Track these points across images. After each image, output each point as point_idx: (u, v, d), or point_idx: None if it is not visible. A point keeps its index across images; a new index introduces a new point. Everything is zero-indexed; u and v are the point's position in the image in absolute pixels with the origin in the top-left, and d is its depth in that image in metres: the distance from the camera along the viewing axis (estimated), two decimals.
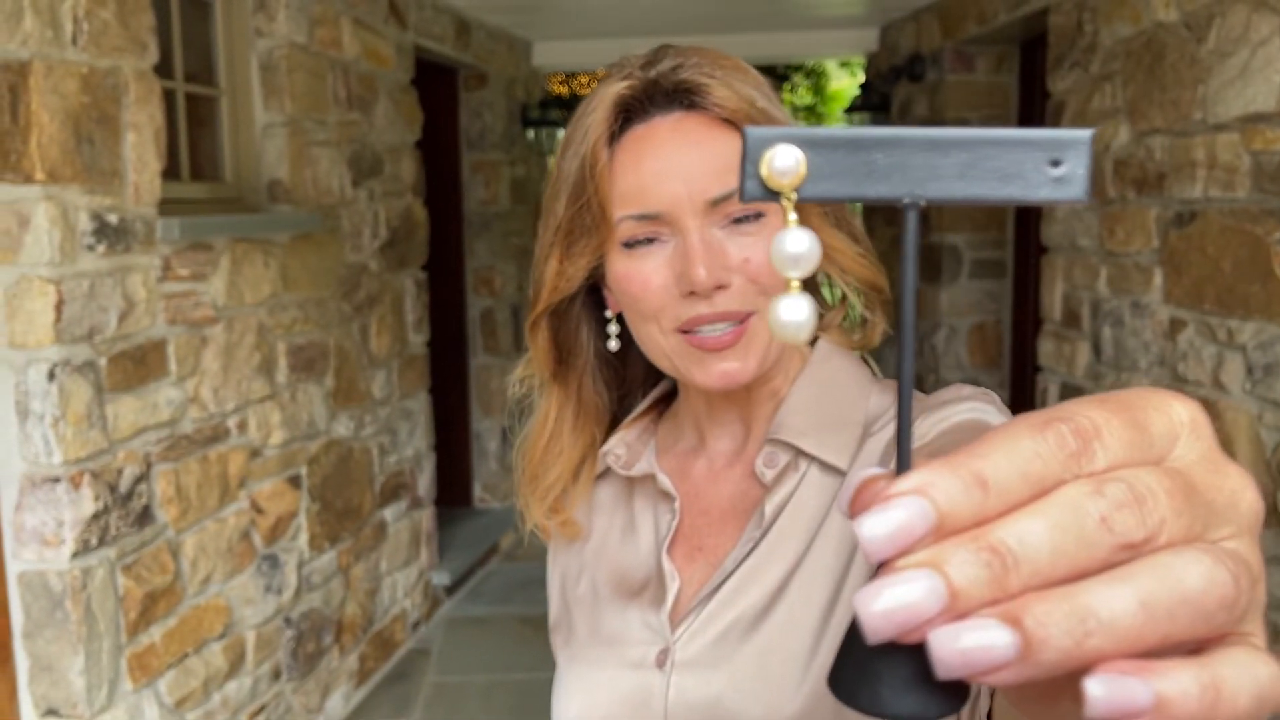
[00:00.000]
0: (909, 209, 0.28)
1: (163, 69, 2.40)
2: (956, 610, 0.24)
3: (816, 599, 0.72)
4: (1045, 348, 3.35)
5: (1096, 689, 0.24)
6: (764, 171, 0.27)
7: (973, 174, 0.27)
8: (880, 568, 0.26)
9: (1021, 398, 4.25)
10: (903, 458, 0.28)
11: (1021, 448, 0.26)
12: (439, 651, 3.77)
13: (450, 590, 4.21)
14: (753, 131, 0.28)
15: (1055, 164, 0.27)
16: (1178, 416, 0.28)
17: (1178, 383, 2.57)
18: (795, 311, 0.29)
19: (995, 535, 0.25)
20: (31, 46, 1.94)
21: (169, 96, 2.48)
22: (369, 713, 3.33)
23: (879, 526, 0.25)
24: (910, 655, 0.26)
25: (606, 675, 0.79)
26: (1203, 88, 2.46)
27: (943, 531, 0.25)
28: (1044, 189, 0.27)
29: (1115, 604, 0.24)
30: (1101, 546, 0.25)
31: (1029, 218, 4.13)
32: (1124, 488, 0.25)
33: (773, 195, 0.28)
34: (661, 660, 0.76)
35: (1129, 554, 0.25)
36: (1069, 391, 3.19)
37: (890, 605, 0.25)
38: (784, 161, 0.27)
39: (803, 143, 0.27)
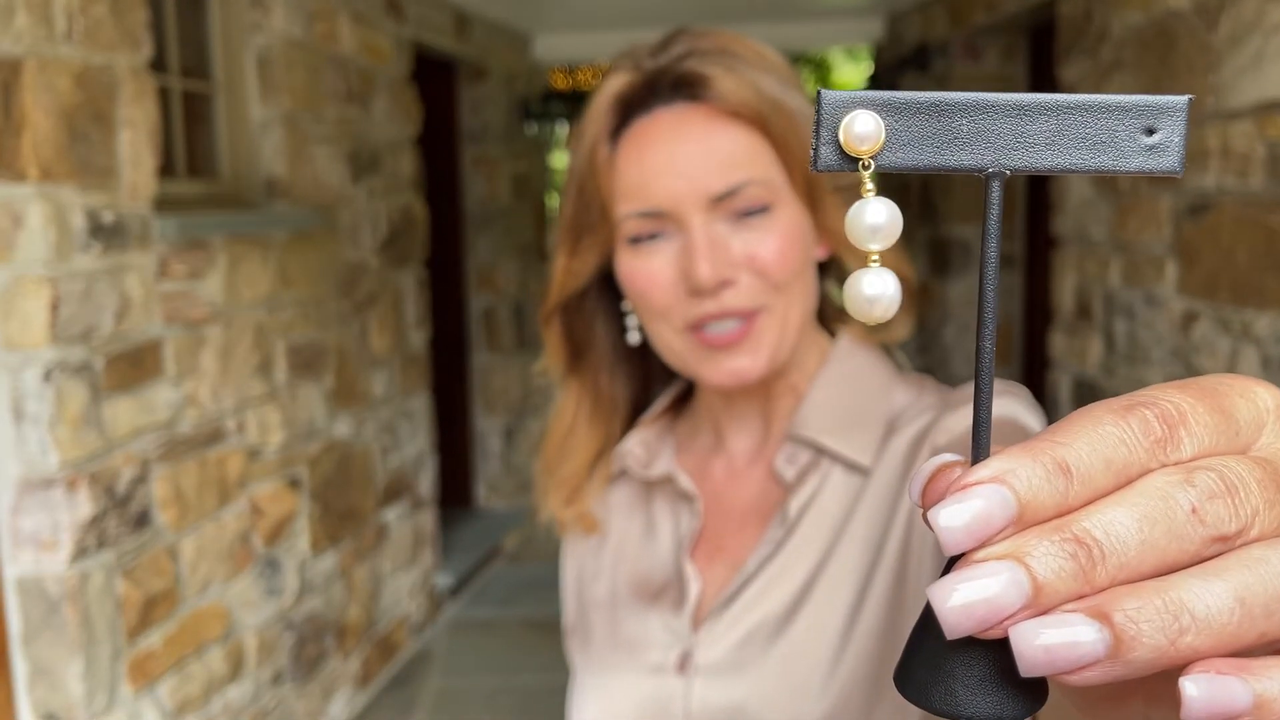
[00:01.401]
0: (992, 179, 0.26)
1: (157, 65, 2.37)
2: (1040, 605, 0.23)
3: (841, 603, 0.71)
4: (1057, 342, 3.31)
5: (1193, 689, 0.23)
6: (841, 137, 0.26)
7: (1061, 142, 0.26)
8: (955, 560, 0.25)
9: (1033, 393, 4.21)
10: (979, 444, 0.26)
11: (1105, 433, 0.24)
12: (442, 655, 3.74)
13: (453, 592, 4.18)
14: (829, 95, 0.26)
15: (1150, 132, 0.26)
16: (1263, 403, 0.26)
17: (1192, 376, 2.53)
18: (880, 286, 0.27)
19: (1080, 525, 0.24)
20: (24, 43, 1.91)
21: (164, 93, 2.45)
22: (371, 717, 3.30)
23: (956, 517, 0.24)
24: (987, 652, 0.25)
25: (625, 680, 0.78)
26: (1215, 76, 2.42)
27: (1024, 521, 0.24)
28: (1136, 159, 0.26)
29: (1210, 599, 0.23)
30: (1192, 539, 0.24)
31: (1039, 209, 4.08)
32: (1215, 477, 0.24)
33: (850, 163, 0.26)
34: (682, 664, 0.75)
35: (1221, 547, 0.24)
36: (1082, 386, 3.15)
37: (969, 599, 0.23)
38: (864, 127, 0.26)
39: (882, 107, 0.26)
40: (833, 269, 0.81)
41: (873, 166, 0.26)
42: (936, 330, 4.57)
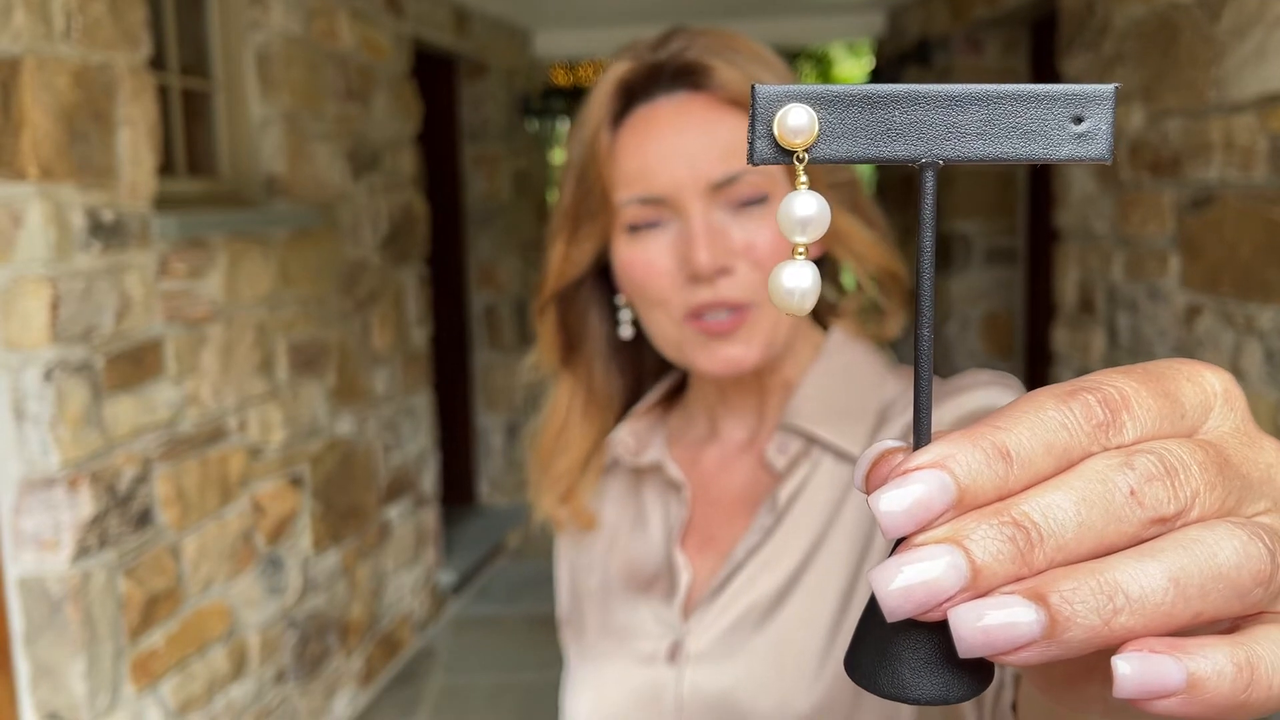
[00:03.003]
0: (926, 170, 0.26)
1: (156, 63, 2.36)
2: (978, 587, 0.24)
3: (831, 590, 0.71)
4: (1060, 336, 3.30)
5: (1125, 667, 0.23)
6: (776, 131, 0.26)
7: (992, 132, 0.26)
8: (898, 544, 0.25)
9: (1036, 387, 4.20)
10: (920, 429, 0.27)
11: (1046, 418, 0.25)
12: (445, 652, 3.74)
13: (456, 590, 4.18)
14: (763, 89, 0.26)
15: (1077, 120, 0.26)
16: (1210, 387, 0.27)
17: None
18: (798, 279, 0.27)
19: (1019, 509, 0.24)
20: (23, 42, 1.90)
21: (163, 91, 2.45)
22: (375, 715, 3.31)
23: (896, 501, 0.24)
24: (931, 635, 0.25)
25: (617, 670, 0.78)
26: (1217, 69, 2.41)
27: (963, 506, 0.24)
28: (1066, 147, 0.26)
29: (1145, 580, 0.23)
30: (1130, 521, 0.24)
31: (1041, 203, 4.08)
32: (1154, 460, 0.24)
33: (785, 156, 0.27)
34: (673, 654, 0.75)
35: (1159, 529, 0.24)
36: None
37: (909, 582, 0.24)
38: (797, 120, 0.26)
39: (816, 100, 0.26)
40: (826, 264, 0.81)
41: (807, 159, 0.26)
42: (938, 326, 4.56)
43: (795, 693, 0.69)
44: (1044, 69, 4.05)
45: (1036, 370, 4.25)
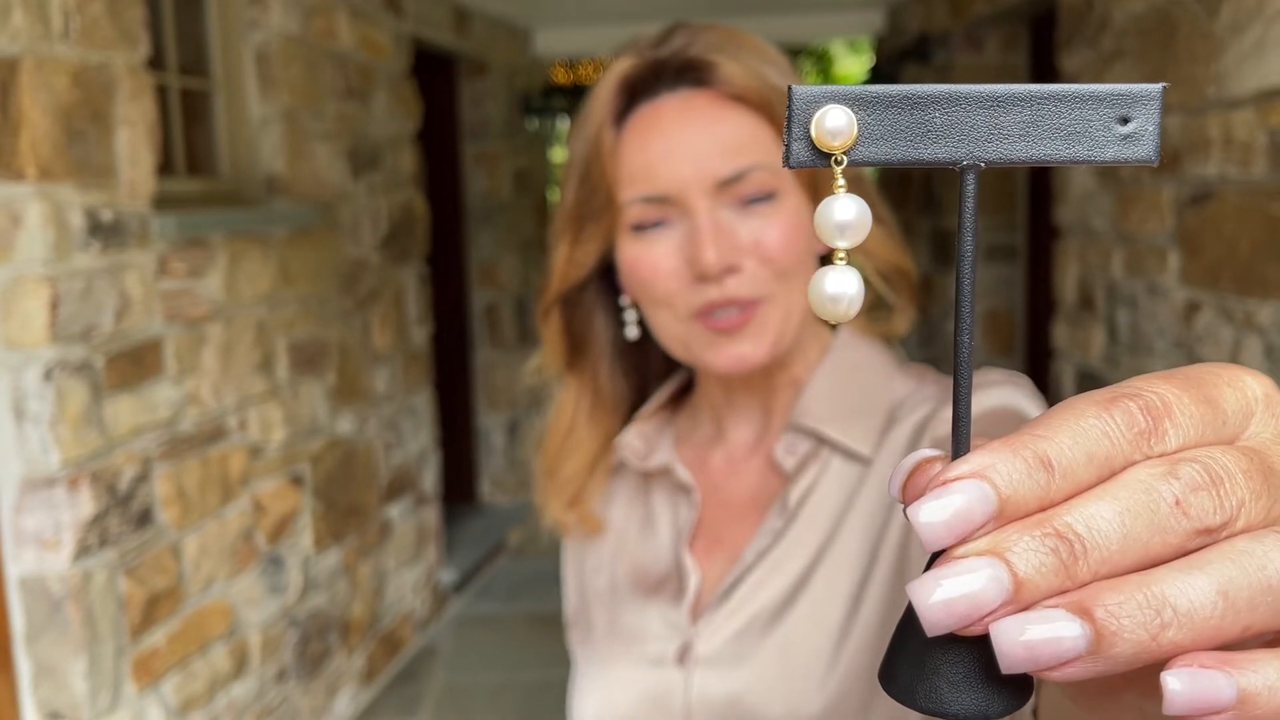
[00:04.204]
0: (967, 172, 0.25)
1: (155, 62, 2.36)
2: (1021, 601, 0.23)
3: (840, 593, 0.70)
4: (1060, 332, 3.30)
5: (1175, 684, 0.23)
6: (814, 133, 0.25)
7: (1035, 133, 0.25)
8: (937, 556, 0.24)
9: (1036, 384, 4.20)
10: (960, 439, 0.26)
11: (1087, 426, 0.24)
12: (447, 651, 3.75)
13: (458, 588, 4.18)
14: (800, 90, 0.25)
15: (1124, 121, 0.25)
16: (1251, 392, 0.26)
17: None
18: (842, 285, 0.26)
19: (1062, 520, 0.23)
20: (21, 42, 1.90)
21: (162, 90, 2.45)
22: (376, 713, 3.31)
23: (936, 513, 0.24)
24: (971, 649, 0.24)
25: (625, 672, 0.77)
26: (1216, 64, 2.41)
27: (1005, 517, 0.24)
28: (1111, 148, 0.25)
29: (1193, 593, 0.23)
30: (1176, 532, 0.23)
31: (1042, 200, 4.07)
32: (1199, 468, 0.24)
33: (822, 159, 0.26)
34: (681, 656, 0.75)
35: (1205, 539, 0.24)
36: (1085, 377, 3.15)
37: (949, 596, 0.23)
38: (835, 122, 0.25)
39: (854, 101, 0.26)
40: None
41: (845, 162, 0.26)
42: (939, 323, 4.56)
43: (804, 696, 0.68)
44: (1044, 65, 4.04)
45: (1037, 367, 4.25)
